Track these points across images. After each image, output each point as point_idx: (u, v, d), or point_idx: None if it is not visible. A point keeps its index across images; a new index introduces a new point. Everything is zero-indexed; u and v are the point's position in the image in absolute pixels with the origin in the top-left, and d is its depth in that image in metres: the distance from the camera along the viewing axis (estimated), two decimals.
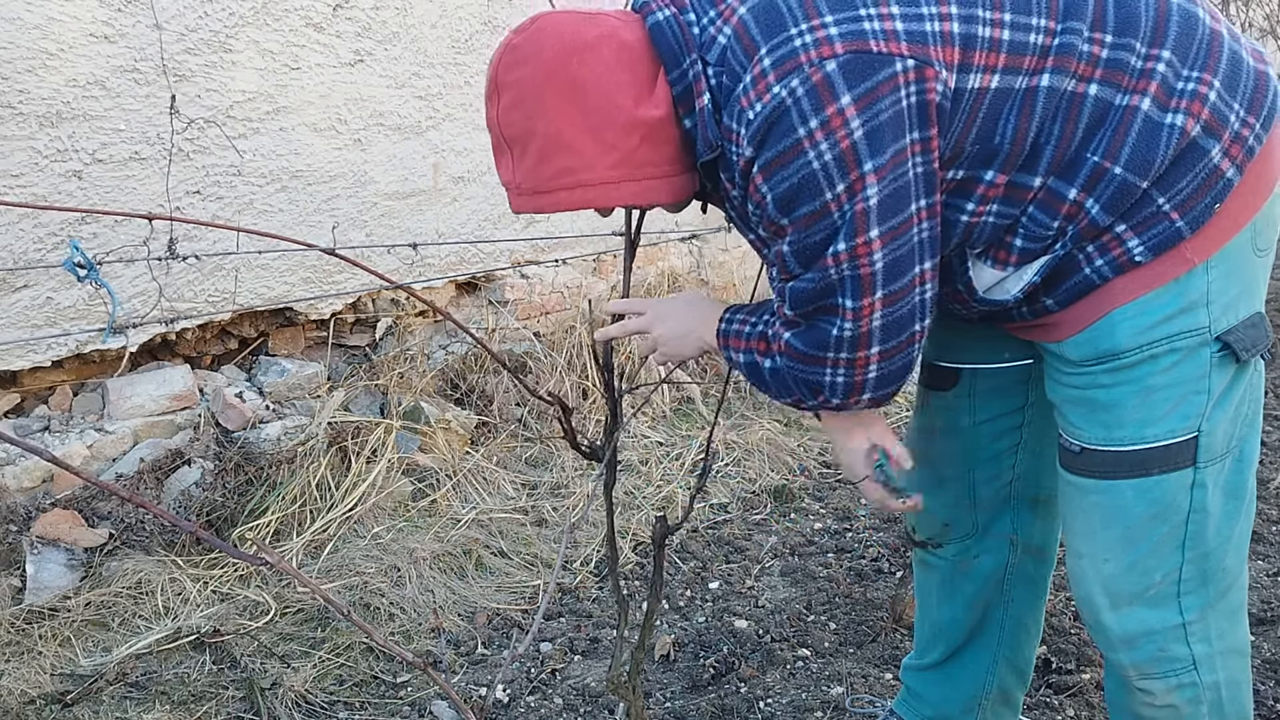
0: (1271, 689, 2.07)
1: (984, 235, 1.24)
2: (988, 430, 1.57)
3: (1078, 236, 1.21)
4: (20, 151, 2.47)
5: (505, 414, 3.39)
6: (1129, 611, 1.30)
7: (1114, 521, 1.28)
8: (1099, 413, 1.27)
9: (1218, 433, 1.24)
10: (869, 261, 1.14)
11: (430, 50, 3.29)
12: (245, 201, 2.90)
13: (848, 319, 1.18)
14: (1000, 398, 1.55)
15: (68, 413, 2.76)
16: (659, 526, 1.50)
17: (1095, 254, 1.21)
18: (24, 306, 2.54)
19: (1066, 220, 1.20)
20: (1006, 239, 1.24)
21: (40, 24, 2.44)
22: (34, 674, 2.11)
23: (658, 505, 3.04)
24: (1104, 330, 1.24)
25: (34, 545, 2.44)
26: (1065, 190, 1.18)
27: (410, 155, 3.30)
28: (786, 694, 2.12)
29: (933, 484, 1.60)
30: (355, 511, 2.75)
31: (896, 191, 1.12)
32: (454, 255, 3.52)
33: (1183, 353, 1.22)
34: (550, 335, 3.76)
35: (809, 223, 1.14)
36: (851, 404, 1.28)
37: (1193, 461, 1.24)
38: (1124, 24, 1.16)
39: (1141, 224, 1.19)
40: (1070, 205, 1.19)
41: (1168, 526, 1.26)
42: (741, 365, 1.34)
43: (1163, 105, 1.16)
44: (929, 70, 1.10)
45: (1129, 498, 1.26)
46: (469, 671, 2.23)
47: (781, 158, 1.12)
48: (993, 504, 1.62)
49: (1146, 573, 1.28)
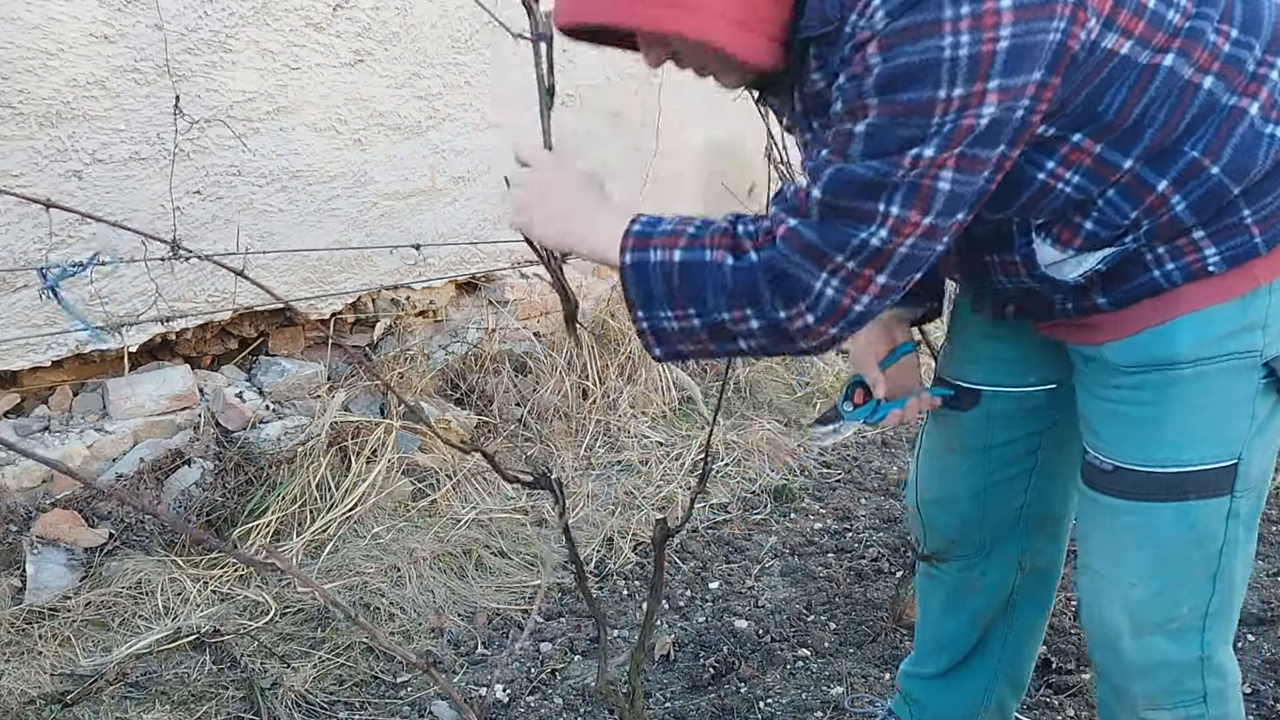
0: (1272, 689, 2.07)
1: (1054, 205, 1.16)
2: (1003, 454, 1.53)
3: (1152, 234, 1.15)
4: (20, 151, 2.47)
5: (505, 414, 3.39)
6: (1149, 640, 1.26)
7: (1146, 544, 1.23)
8: (1136, 428, 1.22)
9: (1254, 461, 1.20)
10: (941, 181, 1.03)
11: (430, 50, 3.29)
12: (245, 201, 2.90)
13: (885, 227, 1.04)
14: (1019, 422, 1.51)
15: (68, 413, 2.76)
16: (659, 527, 1.50)
17: (1167, 257, 1.16)
18: (24, 306, 2.54)
19: (1146, 213, 1.14)
20: (1076, 219, 1.17)
21: (40, 24, 2.44)
22: (34, 674, 2.11)
23: (658, 505, 3.04)
24: (1164, 336, 1.18)
25: (34, 545, 2.44)
26: (1155, 180, 1.12)
27: (410, 155, 3.30)
28: (786, 694, 2.12)
29: (944, 500, 1.59)
30: (355, 511, 2.75)
31: (997, 124, 1.02)
32: (454, 255, 3.52)
33: (1234, 373, 1.18)
34: (550, 335, 3.76)
35: (905, 112, 1.00)
36: (813, 335, 1.11)
37: (1230, 490, 1.19)
38: (1249, 22, 1.11)
39: (1221, 233, 1.14)
40: (1155, 198, 1.13)
41: (1202, 555, 1.22)
42: (657, 266, 1.13)
43: (1267, 114, 1.11)
44: (1081, 14, 1.01)
45: (1166, 520, 1.21)
46: (469, 671, 2.23)
47: (912, 31, 0.98)
48: (1002, 525, 1.59)
49: (1175, 602, 1.24)
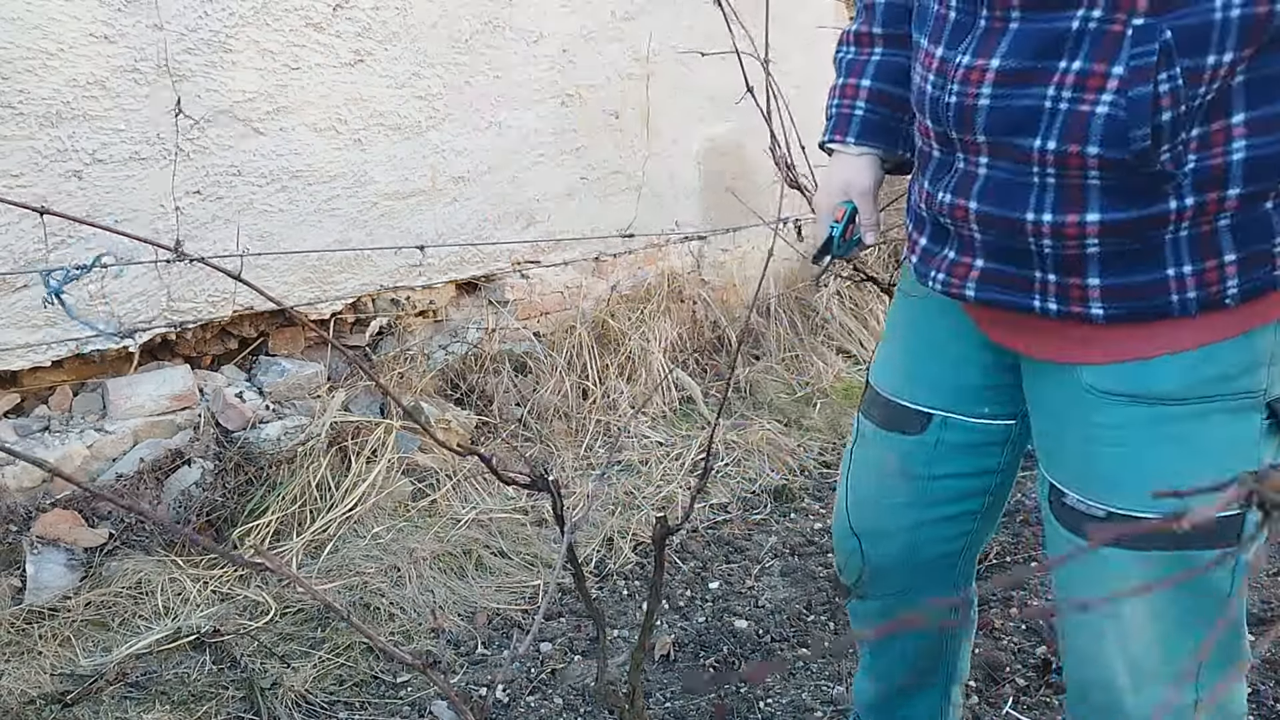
0: (1272, 689, 2.07)
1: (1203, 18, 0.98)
2: (945, 488, 1.35)
3: (1192, 181, 1.00)
4: (20, 151, 2.47)
5: (505, 414, 3.38)
6: (1150, 691, 1.15)
7: (1143, 598, 1.12)
8: (1131, 470, 1.09)
9: None
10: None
11: (430, 50, 3.29)
12: (245, 202, 2.90)
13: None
14: (968, 456, 1.33)
15: (68, 413, 2.76)
16: (659, 527, 1.50)
17: (1191, 281, 1.04)
18: (24, 306, 2.54)
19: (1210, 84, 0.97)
20: None
21: (40, 24, 2.44)
22: (34, 674, 2.11)
23: (658, 505, 3.04)
24: (1155, 368, 1.07)
25: (34, 545, 2.44)
26: (1234, 108, 0.99)
27: (410, 155, 3.30)
28: (786, 694, 2.12)
29: (875, 533, 1.41)
30: (355, 511, 2.75)
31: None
32: (454, 255, 3.52)
33: (1234, 414, 1.06)
34: (550, 335, 3.76)
35: None
36: None
37: (1237, 540, 1.07)
38: None
39: (1249, 260, 1.03)
40: (1222, 128, 0.99)
41: (1203, 606, 1.11)
42: None
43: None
44: None
45: (1161, 572, 1.09)
46: (469, 671, 2.23)
47: None
48: (935, 569, 1.42)
49: (1174, 648, 1.13)
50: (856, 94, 1.37)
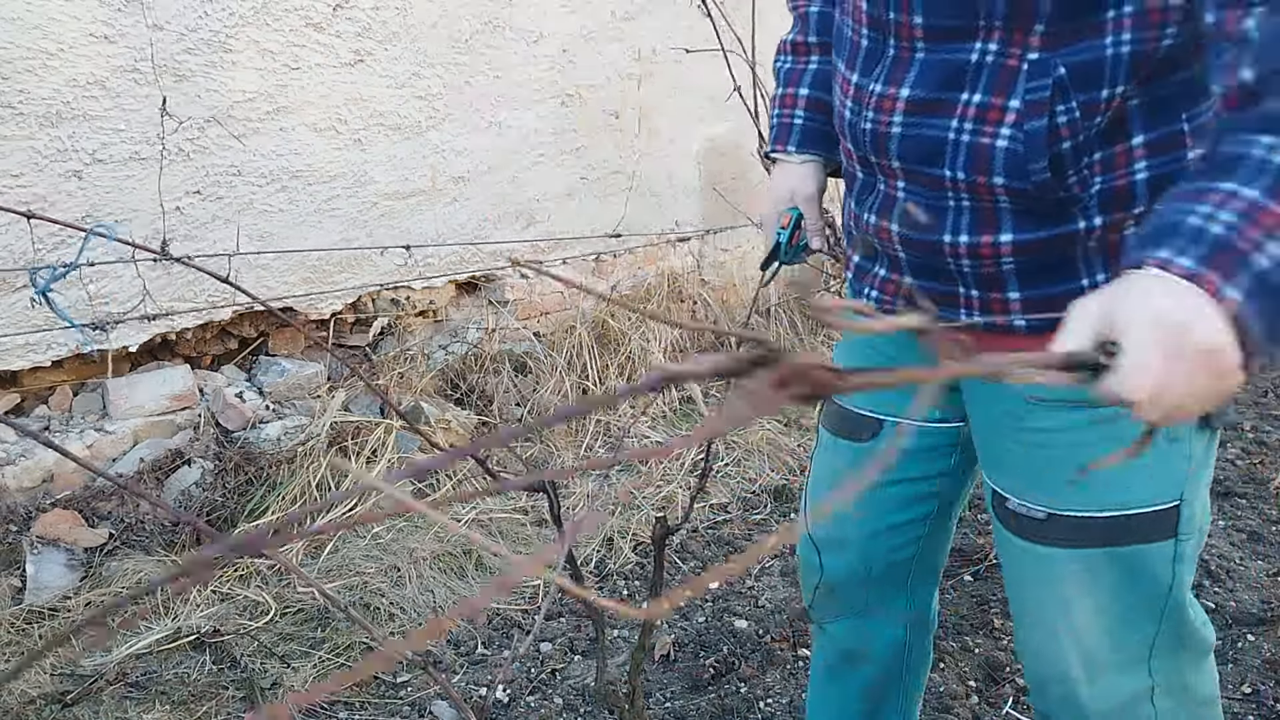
0: (1272, 689, 2.07)
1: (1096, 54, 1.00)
2: (898, 493, 1.37)
3: (1099, 201, 1.03)
4: (20, 151, 2.47)
5: (505, 414, 3.39)
6: (1105, 681, 1.19)
7: (1091, 592, 1.15)
8: (1064, 471, 1.11)
9: (1196, 503, 1.13)
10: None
11: (430, 50, 3.29)
12: (245, 201, 2.90)
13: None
14: (919, 461, 1.36)
15: (68, 413, 2.76)
16: (659, 527, 1.50)
17: (1099, 266, 1.07)
18: (24, 306, 2.54)
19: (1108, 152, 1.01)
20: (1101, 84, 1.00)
21: (40, 24, 2.44)
22: (34, 674, 2.11)
23: (658, 505, 3.04)
24: None
25: (34, 545, 2.44)
26: (1133, 130, 1.02)
27: (410, 155, 3.30)
28: (786, 694, 2.12)
29: (834, 541, 1.42)
30: (355, 511, 2.75)
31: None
32: (454, 255, 3.52)
33: None
34: (550, 335, 3.76)
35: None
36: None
37: (1174, 533, 1.12)
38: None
39: None
40: (1124, 150, 1.02)
41: (1147, 597, 1.15)
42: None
43: None
44: None
45: (1108, 567, 1.13)
46: (469, 671, 2.23)
47: None
48: (890, 580, 1.43)
49: (1123, 636, 1.17)
50: (795, 103, 1.40)
